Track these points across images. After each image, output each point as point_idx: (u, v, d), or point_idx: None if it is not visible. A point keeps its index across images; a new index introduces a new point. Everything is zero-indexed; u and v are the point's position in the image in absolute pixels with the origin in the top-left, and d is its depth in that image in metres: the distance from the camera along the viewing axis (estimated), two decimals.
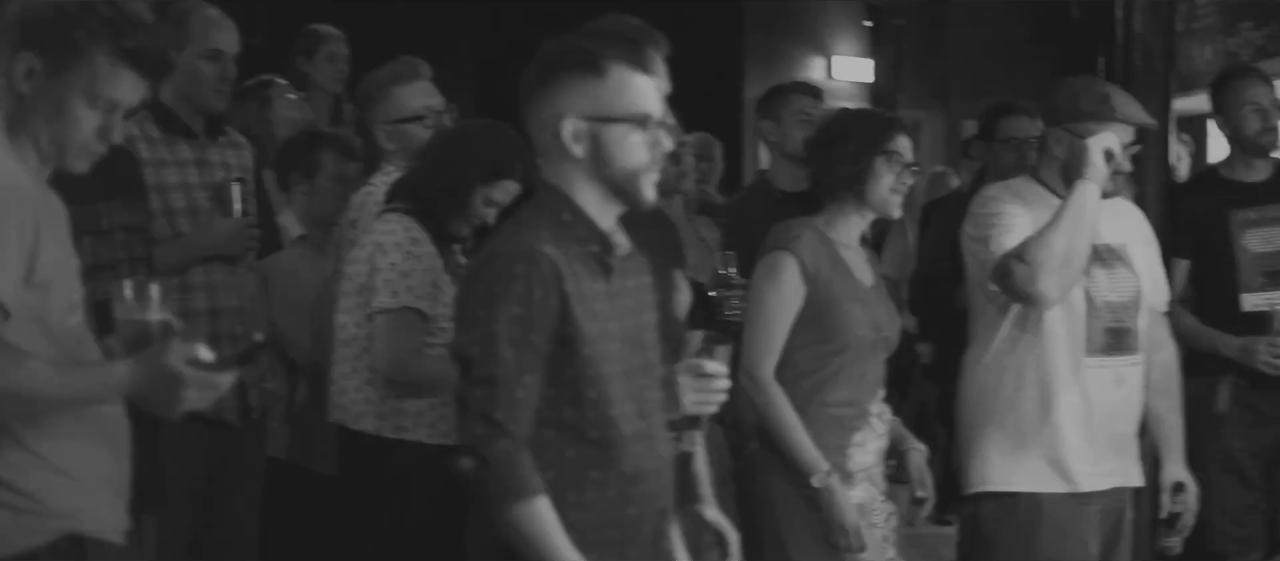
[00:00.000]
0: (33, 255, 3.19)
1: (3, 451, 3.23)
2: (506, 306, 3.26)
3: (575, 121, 3.35)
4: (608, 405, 3.38)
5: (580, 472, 3.37)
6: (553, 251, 3.31)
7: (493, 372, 3.26)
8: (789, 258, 4.70)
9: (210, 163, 5.21)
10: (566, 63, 3.38)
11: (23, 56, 3.27)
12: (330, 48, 7.25)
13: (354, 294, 4.84)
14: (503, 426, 3.25)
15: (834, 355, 4.73)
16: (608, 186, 3.39)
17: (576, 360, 3.34)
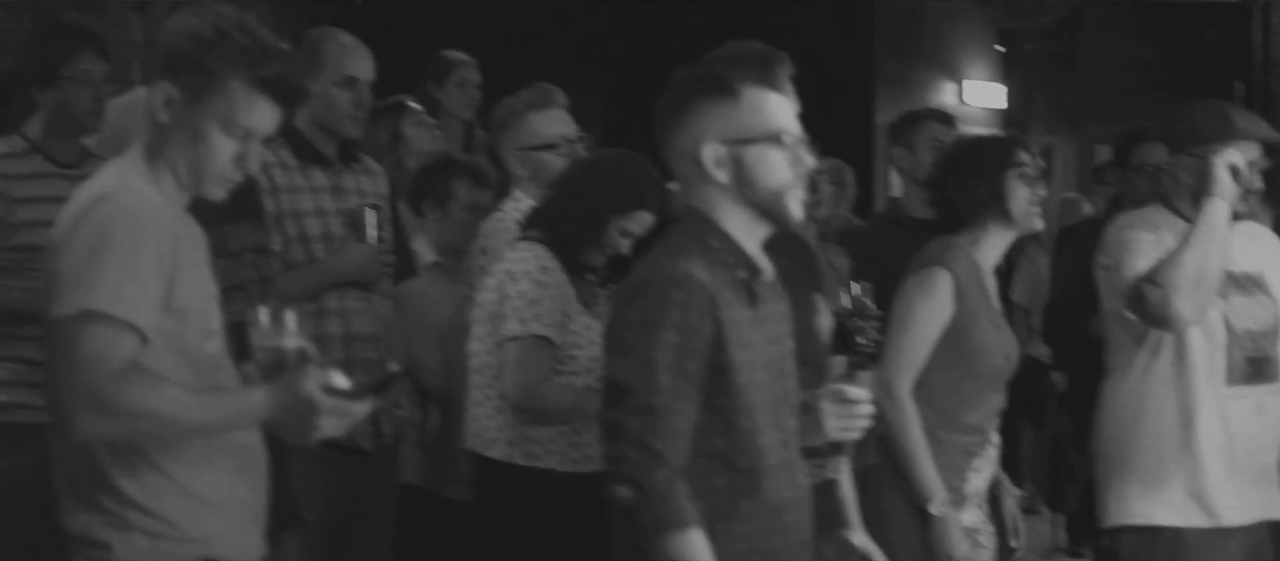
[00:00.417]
0: (171, 282, 3.22)
1: (140, 476, 3.26)
2: (664, 334, 3.25)
3: (715, 145, 3.36)
4: (757, 434, 3.38)
5: (729, 502, 3.36)
6: (706, 278, 3.31)
7: (650, 401, 3.24)
8: (945, 273, 4.68)
9: (345, 189, 5.23)
10: (700, 89, 3.39)
11: (161, 86, 3.31)
12: (461, 74, 7.28)
13: (485, 321, 4.86)
14: (661, 456, 3.23)
15: (968, 380, 4.69)
16: (754, 208, 3.40)
17: (729, 388, 3.33)
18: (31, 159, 5.03)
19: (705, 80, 3.41)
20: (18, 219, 4.93)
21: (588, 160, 5.13)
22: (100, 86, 5.07)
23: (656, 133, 3.47)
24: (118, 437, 3.21)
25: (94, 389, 3.10)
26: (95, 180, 3.34)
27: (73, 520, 3.31)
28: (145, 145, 3.35)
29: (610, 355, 3.35)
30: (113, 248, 3.14)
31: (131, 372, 3.14)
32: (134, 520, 3.26)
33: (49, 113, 5.06)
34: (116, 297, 3.12)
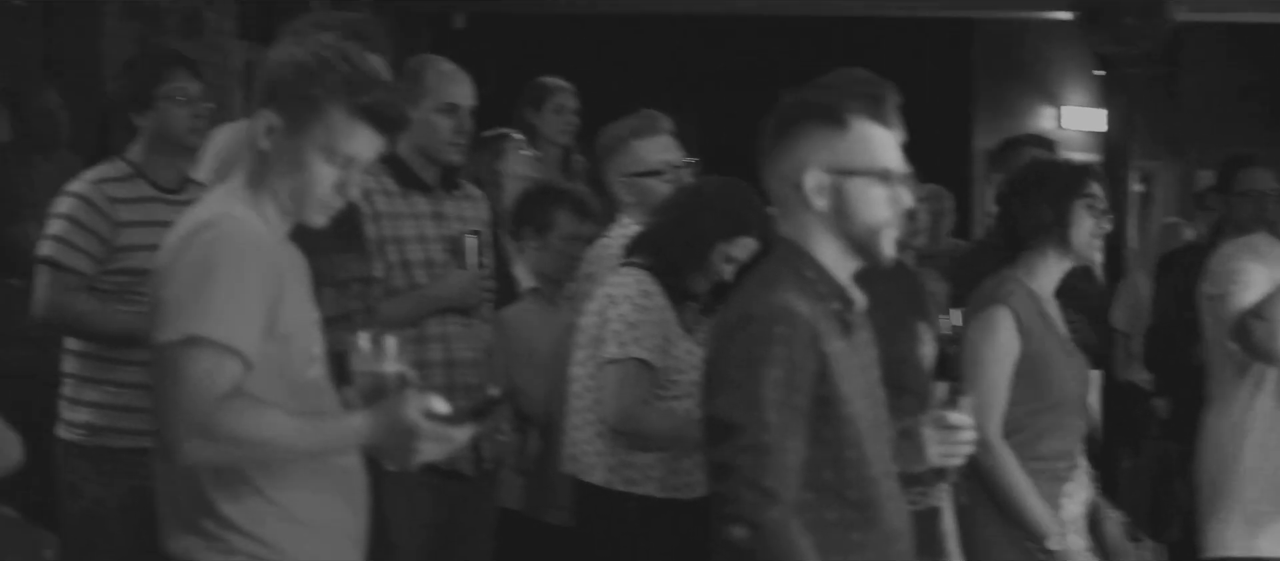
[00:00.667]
0: (274, 308, 3.25)
1: (243, 500, 3.29)
2: (770, 369, 3.21)
3: (818, 174, 3.33)
4: (866, 465, 3.34)
5: (842, 535, 3.32)
6: (806, 310, 3.27)
7: (761, 438, 3.20)
8: (1005, 312, 4.63)
9: (446, 215, 5.26)
10: (808, 115, 3.36)
11: (264, 114, 3.34)
12: (558, 100, 7.30)
13: (586, 345, 4.88)
14: (773, 493, 3.19)
15: (1047, 410, 4.64)
16: (848, 241, 3.36)
17: (835, 420, 3.30)
18: (134, 183, 5.08)
19: (815, 107, 3.37)
20: (121, 243, 4.98)
21: (692, 186, 5.12)
22: (197, 106, 5.12)
23: (759, 155, 3.44)
24: (221, 462, 3.23)
25: (198, 414, 3.13)
26: (199, 207, 3.37)
27: (175, 543, 3.33)
28: (248, 172, 3.38)
29: (714, 392, 3.29)
30: (217, 274, 3.17)
31: (235, 398, 3.17)
32: (236, 544, 3.29)
33: (149, 136, 5.11)
34: (221, 323, 3.15)
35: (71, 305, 4.98)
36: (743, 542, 3.18)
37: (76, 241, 4.96)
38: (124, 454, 4.96)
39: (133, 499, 4.98)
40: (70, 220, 4.99)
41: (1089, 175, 4.74)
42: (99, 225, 4.97)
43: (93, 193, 5.02)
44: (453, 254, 5.21)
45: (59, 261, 4.97)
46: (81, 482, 4.99)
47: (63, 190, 5.12)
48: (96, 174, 5.10)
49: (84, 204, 5.00)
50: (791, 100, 3.41)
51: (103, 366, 5.00)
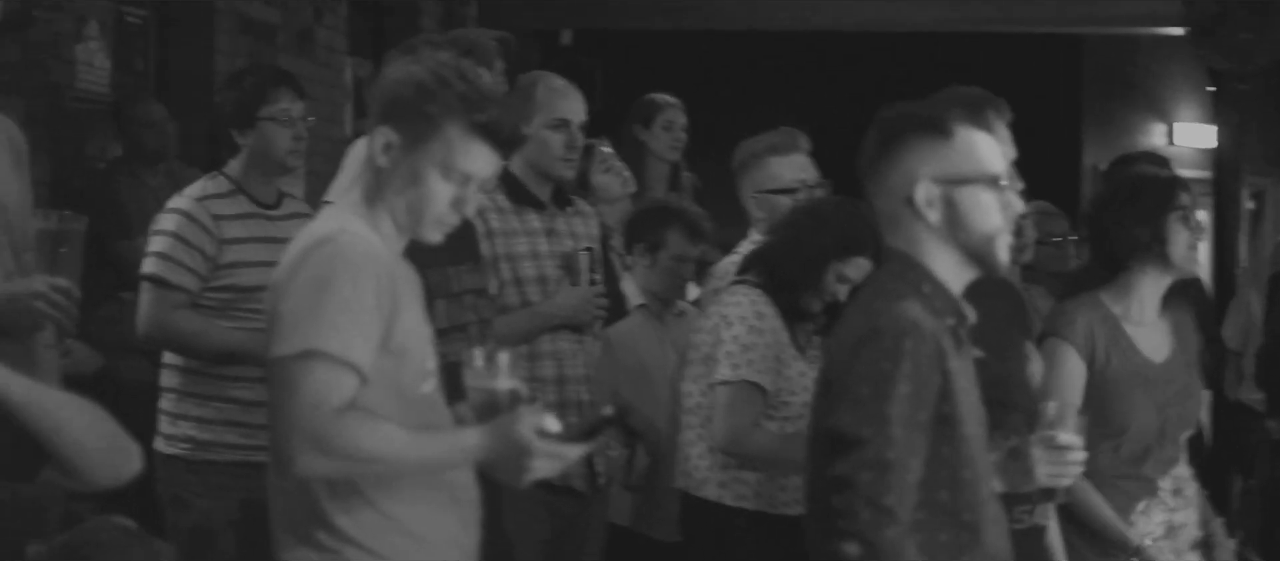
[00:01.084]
0: (389, 323, 3.27)
1: (356, 513, 3.31)
2: (897, 385, 3.17)
3: (928, 185, 3.30)
4: (979, 485, 3.31)
5: (952, 557, 3.27)
6: (931, 324, 3.25)
7: (885, 455, 3.15)
8: (1063, 345, 4.59)
9: (558, 232, 5.27)
10: (912, 127, 3.34)
11: (381, 131, 3.36)
12: (667, 116, 7.31)
13: (699, 362, 4.89)
14: (892, 512, 3.14)
15: (1108, 437, 4.59)
16: (963, 251, 3.33)
17: (954, 439, 3.26)
18: (236, 199, 5.09)
19: (919, 119, 3.35)
20: (225, 259, 5.00)
21: (806, 205, 5.09)
22: (298, 126, 5.14)
23: (862, 171, 3.42)
24: (335, 476, 3.26)
25: (314, 427, 3.16)
26: (317, 223, 3.41)
27: (289, 555, 3.36)
28: (365, 188, 3.40)
29: (836, 405, 3.24)
30: (334, 289, 3.19)
31: (350, 412, 3.19)
32: (350, 556, 3.31)
33: (249, 154, 5.13)
34: (337, 337, 3.17)
35: (175, 322, 4.99)
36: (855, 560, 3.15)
37: (180, 258, 4.97)
38: (229, 467, 4.99)
39: (242, 512, 5.03)
40: (174, 237, 5.00)
41: (1179, 187, 4.67)
42: (203, 242, 4.98)
43: (196, 209, 5.03)
44: (566, 270, 5.23)
45: (163, 278, 4.98)
46: (189, 496, 5.02)
47: (166, 207, 5.15)
48: (199, 190, 5.11)
49: (188, 220, 5.01)
50: (892, 113, 3.39)
51: (205, 382, 5.01)
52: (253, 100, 5.11)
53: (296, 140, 5.12)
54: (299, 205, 5.26)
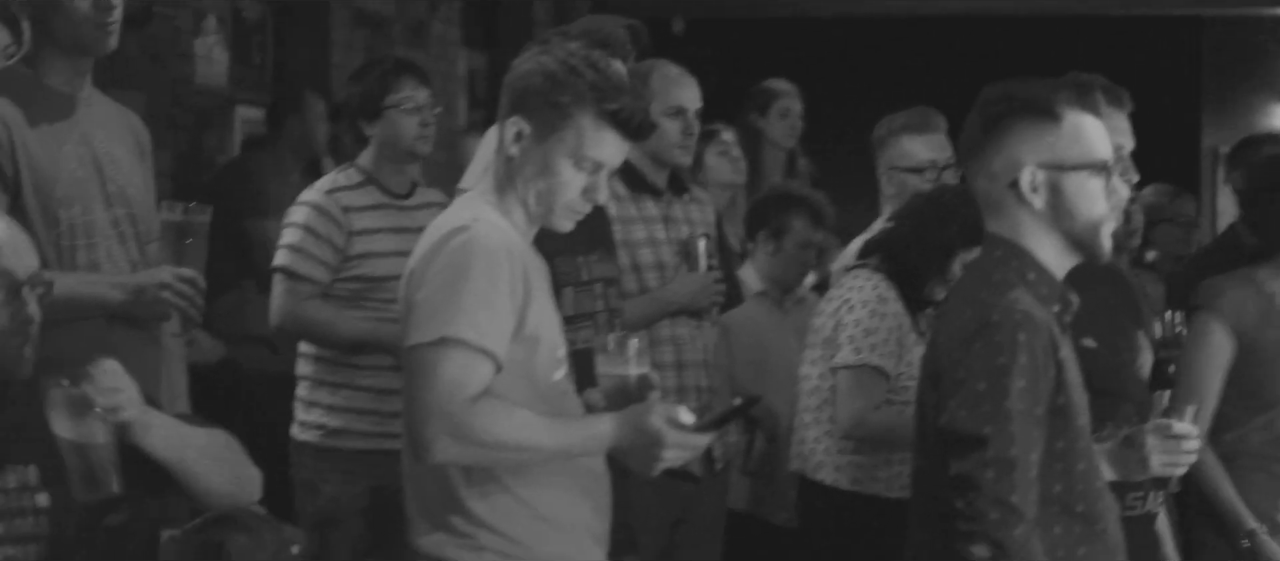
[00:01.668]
0: (523, 311, 3.29)
1: (491, 498, 3.34)
2: (1015, 379, 3.10)
3: (1034, 170, 3.23)
4: (1095, 476, 3.27)
5: (1069, 549, 3.22)
6: (1042, 315, 3.19)
7: (1008, 453, 3.09)
8: (1211, 318, 4.56)
9: (675, 218, 5.29)
10: (1018, 110, 3.26)
11: (513, 120, 3.38)
12: (784, 103, 7.30)
13: (819, 345, 4.89)
14: (1018, 510, 3.08)
15: (1260, 411, 4.57)
16: (1067, 239, 3.26)
17: (1069, 431, 3.21)
18: (367, 190, 5.15)
19: (1025, 101, 3.26)
20: (355, 250, 5.06)
21: (933, 193, 5.04)
22: (425, 113, 5.19)
23: (963, 152, 3.37)
24: (470, 462, 3.28)
25: (450, 414, 3.18)
26: (450, 212, 3.43)
27: (425, 540, 3.39)
28: (496, 178, 3.43)
29: (951, 402, 3.17)
30: (470, 277, 3.21)
31: (486, 399, 3.22)
32: (485, 540, 3.34)
33: (378, 144, 5.19)
34: (473, 326, 3.20)
35: (307, 313, 5.06)
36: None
37: (311, 250, 5.04)
38: (360, 454, 5.06)
39: (371, 498, 5.09)
40: (305, 229, 5.07)
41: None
42: (333, 233, 5.05)
43: (326, 202, 5.09)
44: (684, 257, 5.24)
45: (295, 270, 5.06)
46: (319, 482, 5.09)
47: (297, 200, 5.22)
48: (329, 182, 5.18)
49: (317, 213, 5.07)
50: (996, 95, 3.30)
51: (337, 370, 5.08)
52: (378, 90, 5.16)
53: (423, 127, 5.17)
54: (431, 195, 5.30)
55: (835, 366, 4.78)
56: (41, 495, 3.33)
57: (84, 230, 4.09)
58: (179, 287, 4.05)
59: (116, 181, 4.15)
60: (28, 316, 3.26)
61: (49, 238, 3.98)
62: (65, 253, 4.04)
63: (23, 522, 3.32)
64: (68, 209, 4.05)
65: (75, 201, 4.06)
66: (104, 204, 4.12)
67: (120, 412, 3.18)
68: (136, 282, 4.07)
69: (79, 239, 4.08)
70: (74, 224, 4.07)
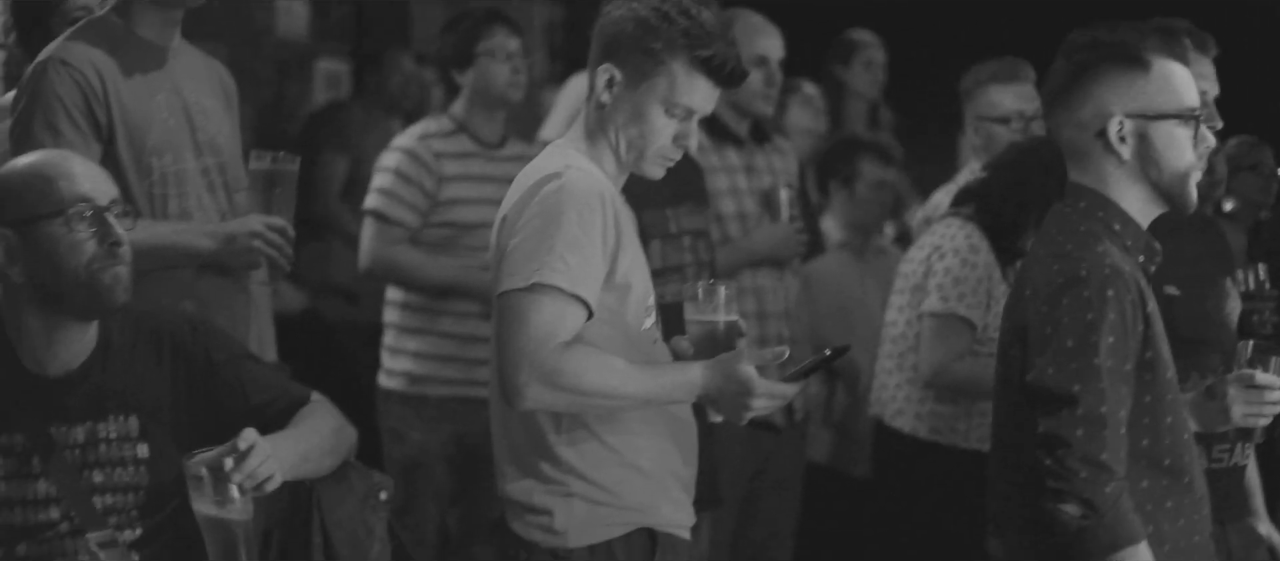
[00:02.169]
0: (614, 258, 3.29)
1: (581, 445, 3.34)
2: (1104, 336, 3.09)
3: (1122, 119, 3.22)
4: (1182, 429, 3.25)
5: (1156, 504, 3.21)
6: (1130, 268, 3.18)
7: (1098, 411, 3.07)
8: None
9: (757, 168, 5.30)
10: (1106, 58, 3.24)
11: (604, 67, 3.38)
12: (867, 54, 7.28)
13: (907, 291, 4.89)
14: (1109, 468, 3.07)
15: None
16: (1154, 189, 3.25)
17: (1157, 384, 3.19)
18: (457, 138, 5.22)
19: (1113, 49, 3.24)
20: (445, 196, 5.12)
21: (1027, 144, 5.01)
22: (516, 61, 5.23)
23: (1048, 100, 3.34)
24: (561, 408, 3.29)
25: (542, 360, 3.18)
26: (542, 159, 3.43)
27: (513, 486, 3.40)
28: (587, 125, 3.43)
29: (1038, 359, 3.15)
30: (563, 224, 3.22)
31: (577, 346, 3.22)
32: (574, 487, 3.34)
33: (470, 92, 5.25)
34: (566, 272, 3.20)
35: (395, 257, 5.13)
36: (1075, 521, 3.07)
37: (402, 195, 5.11)
38: (445, 402, 5.10)
39: (456, 446, 5.13)
40: (396, 174, 5.15)
41: None
42: (424, 179, 5.11)
43: (418, 147, 5.17)
44: (766, 207, 5.25)
45: (385, 214, 5.13)
46: (404, 429, 5.15)
47: (389, 146, 5.27)
48: (421, 129, 5.27)
49: (409, 158, 5.15)
50: (1083, 42, 3.28)
51: (423, 317, 5.14)
52: (469, 39, 5.23)
53: (515, 74, 5.24)
54: (524, 147, 5.34)
55: (922, 312, 4.77)
56: (142, 445, 3.38)
57: (175, 179, 4.13)
58: (268, 236, 4.09)
59: (206, 131, 4.18)
60: (116, 238, 3.30)
61: (141, 187, 4.01)
62: (156, 201, 4.08)
63: (123, 471, 3.36)
64: (159, 158, 4.09)
65: (166, 151, 4.09)
66: (194, 153, 4.16)
67: (265, 487, 3.21)
68: (227, 231, 4.11)
69: (170, 188, 4.11)
70: (165, 173, 4.11)
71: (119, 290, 3.31)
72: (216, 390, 3.42)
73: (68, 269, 3.27)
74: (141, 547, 3.35)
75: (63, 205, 3.27)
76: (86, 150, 3.90)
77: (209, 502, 3.18)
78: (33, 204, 3.28)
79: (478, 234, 5.05)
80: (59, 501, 3.32)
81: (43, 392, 3.34)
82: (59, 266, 3.27)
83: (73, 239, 3.27)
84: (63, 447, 3.33)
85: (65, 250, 3.27)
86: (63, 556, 3.33)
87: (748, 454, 5.21)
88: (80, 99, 3.98)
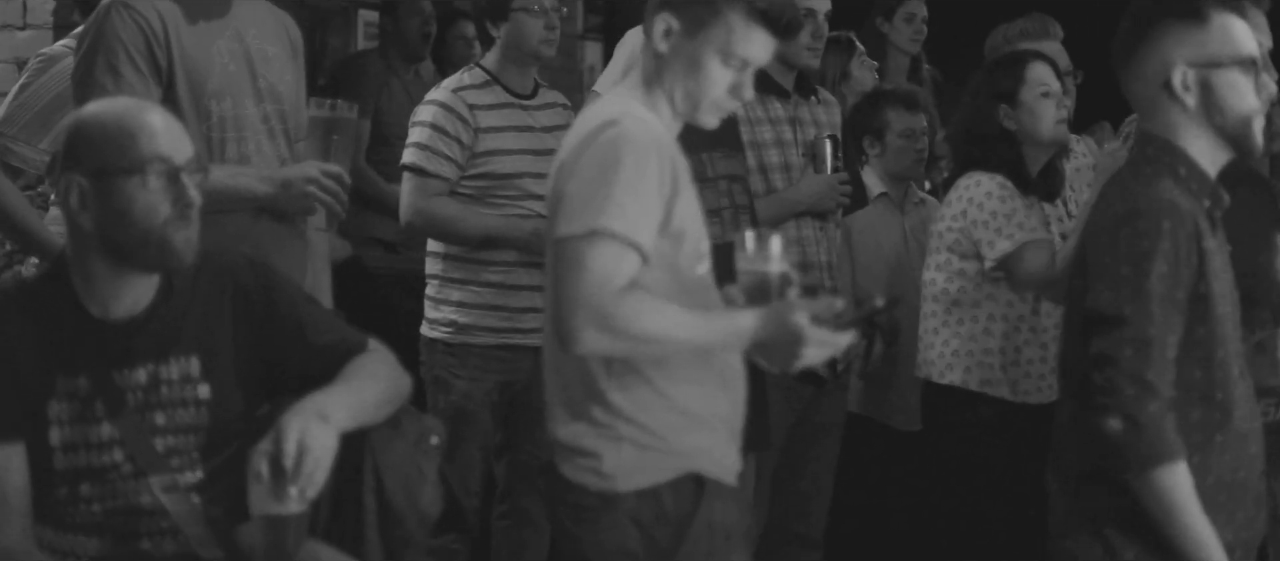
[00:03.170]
0: (670, 205, 3.32)
1: (631, 390, 3.38)
2: (1156, 263, 3.22)
3: (1184, 70, 3.35)
4: (1232, 364, 3.35)
5: (1205, 435, 3.32)
6: (1189, 205, 3.29)
7: (1146, 332, 3.21)
8: None
9: (802, 120, 5.33)
10: (1167, 11, 3.38)
11: (662, 16, 3.41)
12: (909, 8, 7.25)
13: (944, 250, 4.92)
14: (1154, 388, 3.20)
15: None
16: (1220, 135, 3.38)
17: (1209, 318, 3.30)
18: (492, 90, 5.22)
19: (1173, 3, 3.39)
20: (481, 148, 5.13)
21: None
22: (550, 16, 5.22)
23: (1116, 57, 3.45)
24: (616, 353, 3.32)
25: (599, 305, 3.21)
26: (600, 106, 3.47)
27: (564, 429, 3.44)
28: (644, 74, 3.46)
29: (1096, 284, 3.29)
30: (620, 170, 3.25)
31: (633, 291, 3.25)
32: (623, 431, 3.38)
33: (503, 45, 5.24)
34: (623, 218, 3.23)
35: (435, 210, 5.14)
36: (1118, 436, 3.20)
37: (439, 148, 5.12)
38: (489, 350, 5.14)
39: (500, 393, 5.17)
40: (433, 128, 5.15)
41: None
42: (461, 131, 5.12)
43: (453, 100, 5.17)
44: (811, 158, 5.28)
45: (423, 167, 5.14)
46: (449, 377, 5.18)
47: (425, 99, 5.28)
48: (455, 81, 5.26)
49: (445, 111, 5.15)
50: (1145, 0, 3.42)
51: (464, 267, 5.16)
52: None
53: (549, 29, 5.22)
54: (554, 96, 5.37)
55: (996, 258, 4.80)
56: (203, 386, 3.42)
57: (234, 123, 4.17)
58: (325, 183, 4.13)
59: (268, 78, 4.22)
60: (189, 200, 3.32)
61: (200, 130, 4.06)
62: (215, 145, 4.12)
63: (185, 413, 3.41)
64: (219, 102, 4.13)
65: (226, 95, 4.14)
66: (255, 99, 4.20)
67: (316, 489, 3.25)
68: (284, 176, 4.15)
69: (229, 132, 4.16)
70: (225, 117, 4.15)
71: (188, 251, 3.34)
72: (276, 332, 3.46)
73: (140, 227, 3.30)
74: (203, 489, 3.41)
75: (142, 162, 3.29)
76: (146, 92, 3.95)
77: (267, 500, 3.22)
78: (113, 157, 3.30)
79: (515, 184, 5.09)
80: (123, 443, 3.37)
81: (107, 337, 3.38)
82: (132, 223, 3.29)
83: (148, 198, 3.29)
84: (125, 390, 3.38)
85: (140, 208, 3.29)
86: (126, 497, 3.37)
87: (791, 403, 5.24)
88: (142, 42, 4.03)
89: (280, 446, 3.20)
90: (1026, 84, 4.94)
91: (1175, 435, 3.23)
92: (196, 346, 3.42)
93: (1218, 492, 3.34)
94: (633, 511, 3.39)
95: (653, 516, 3.40)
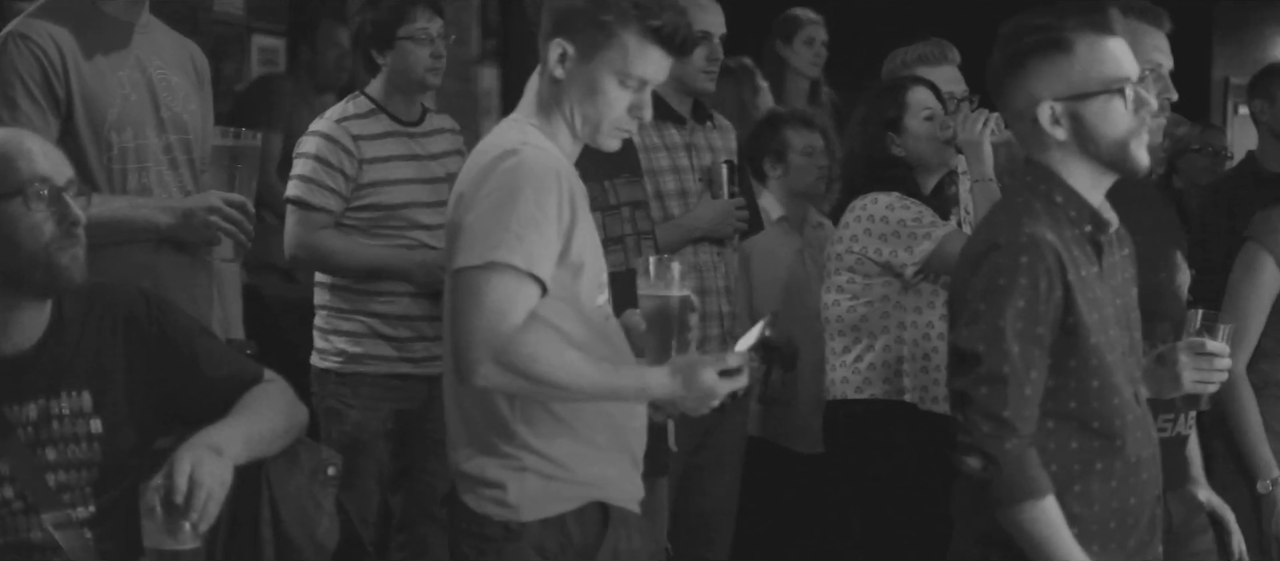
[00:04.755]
0: (568, 235, 3.31)
1: (535, 420, 3.36)
2: (1012, 300, 3.20)
3: (1051, 104, 3.29)
4: (1112, 393, 3.32)
5: (1085, 464, 3.31)
6: (1053, 238, 3.25)
7: (999, 370, 3.19)
8: (1264, 253, 4.58)
9: (698, 146, 5.32)
10: (1031, 46, 3.31)
11: (556, 42, 3.39)
12: (809, 32, 7.28)
13: (843, 271, 4.92)
14: (1011, 425, 3.19)
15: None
16: (1097, 161, 3.32)
17: (1081, 349, 3.27)
18: (377, 118, 5.14)
19: (1037, 35, 3.31)
20: (367, 178, 5.06)
21: None
22: (437, 45, 5.17)
23: (990, 90, 3.42)
24: (512, 391, 3.30)
25: (495, 338, 3.20)
26: (496, 135, 3.44)
27: (467, 462, 3.41)
28: (540, 100, 3.44)
29: (956, 322, 3.29)
30: (518, 202, 3.23)
31: (534, 329, 3.24)
32: (527, 462, 3.36)
33: (389, 73, 5.17)
34: (522, 250, 3.21)
35: (320, 243, 5.06)
36: (978, 474, 3.20)
37: (322, 180, 5.04)
38: (381, 379, 5.09)
39: (395, 422, 5.12)
40: (316, 160, 5.07)
41: None
42: (344, 162, 5.04)
43: (336, 131, 5.08)
44: (707, 184, 5.27)
45: (307, 201, 5.06)
46: (342, 407, 5.11)
47: (308, 130, 5.21)
48: (338, 112, 5.17)
49: (328, 142, 5.07)
50: (1010, 32, 3.35)
51: (352, 297, 5.09)
52: (392, 20, 5.15)
53: (435, 58, 5.16)
54: (442, 121, 5.31)
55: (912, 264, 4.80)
56: (95, 420, 3.37)
57: (135, 154, 4.12)
58: (227, 212, 4.08)
59: (171, 108, 4.17)
60: (73, 218, 3.28)
61: (100, 162, 4.01)
62: (116, 176, 4.07)
63: (77, 448, 3.35)
64: (120, 133, 4.08)
65: (127, 126, 4.09)
66: (157, 129, 4.15)
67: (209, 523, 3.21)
68: (185, 207, 4.10)
69: (130, 163, 4.11)
70: (125, 148, 4.10)
71: (76, 270, 3.30)
72: (169, 364, 3.42)
73: (26, 248, 3.26)
74: (95, 525, 3.35)
75: (21, 184, 3.26)
76: (44, 125, 3.89)
77: (160, 535, 3.18)
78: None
79: (402, 215, 5.04)
80: (13, 480, 3.31)
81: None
82: (17, 246, 3.26)
83: (31, 219, 3.26)
84: (16, 425, 3.32)
85: (24, 230, 3.25)
86: (17, 533, 3.31)
87: (690, 427, 5.21)
88: (39, 73, 3.98)
89: (172, 480, 3.16)
90: (909, 109, 4.98)
91: (1038, 470, 3.22)
92: (88, 380, 3.37)
93: (1106, 520, 3.33)
94: (537, 541, 3.38)
95: (557, 546, 3.39)
